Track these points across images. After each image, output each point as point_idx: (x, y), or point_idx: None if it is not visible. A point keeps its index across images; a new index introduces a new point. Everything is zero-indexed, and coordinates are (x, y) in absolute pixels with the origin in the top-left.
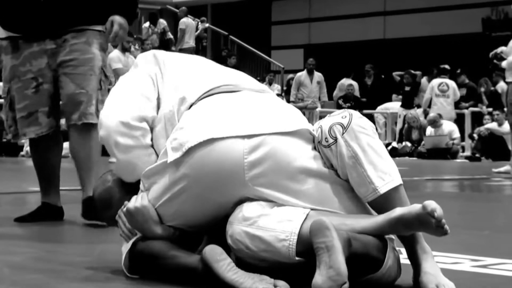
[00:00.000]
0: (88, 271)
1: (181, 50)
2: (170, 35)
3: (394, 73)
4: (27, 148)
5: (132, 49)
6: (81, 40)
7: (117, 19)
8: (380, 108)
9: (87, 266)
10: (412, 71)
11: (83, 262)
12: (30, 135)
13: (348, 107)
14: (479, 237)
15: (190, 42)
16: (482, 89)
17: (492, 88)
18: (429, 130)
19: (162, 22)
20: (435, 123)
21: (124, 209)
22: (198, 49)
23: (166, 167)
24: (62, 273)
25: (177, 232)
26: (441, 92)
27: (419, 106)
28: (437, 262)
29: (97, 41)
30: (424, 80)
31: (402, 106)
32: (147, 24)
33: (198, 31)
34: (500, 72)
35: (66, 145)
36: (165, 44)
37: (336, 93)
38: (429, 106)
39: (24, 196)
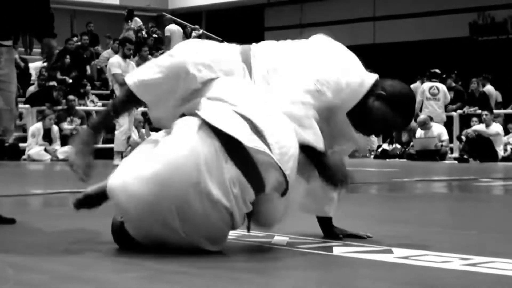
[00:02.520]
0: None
1: None
2: (144, 35)
3: None
4: (29, 151)
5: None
6: (10, 56)
7: (52, 42)
8: None
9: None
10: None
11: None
12: None
13: None
14: (467, 237)
15: None
16: (473, 86)
17: (481, 90)
18: (419, 132)
19: (138, 21)
20: (425, 125)
21: None
22: None
23: None
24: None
25: None
26: (431, 96)
27: None
28: (427, 261)
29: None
30: (417, 84)
31: None
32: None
33: (191, 39)
34: (487, 75)
35: (66, 148)
36: (138, 43)
37: None
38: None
39: (26, 199)
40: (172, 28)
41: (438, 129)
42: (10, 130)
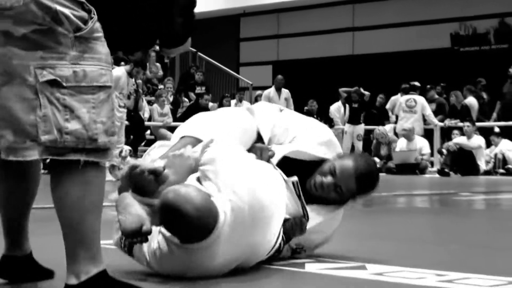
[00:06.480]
0: None
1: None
2: None
3: (341, 89)
4: None
5: None
6: None
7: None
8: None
9: None
10: (361, 91)
11: None
12: None
13: None
14: (445, 252)
15: None
16: (453, 99)
17: (463, 102)
18: (402, 142)
19: None
20: (408, 135)
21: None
22: (165, 66)
23: None
24: None
25: None
26: (408, 108)
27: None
28: (401, 277)
29: None
30: (397, 97)
31: (349, 122)
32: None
33: None
34: (470, 86)
35: None
36: None
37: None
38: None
39: None
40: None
41: (421, 143)
42: None
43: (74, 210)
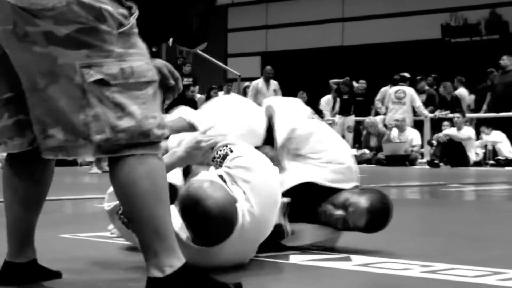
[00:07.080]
0: None
1: None
2: None
3: (331, 81)
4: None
5: None
6: None
7: None
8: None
9: None
10: (352, 83)
11: None
12: None
13: None
14: (432, 243)
15: None
16: (441, 90)
17: (453, 93)
18: (394, 132)
19: None
20: (401, 124)
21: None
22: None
23: None
24: None
25: None
26: (397, 99)
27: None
28: (386, 268)
29: None
30: (387, 88)
31: (339, 113)
32: None
33: None
34: (461, 77)
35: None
36: None
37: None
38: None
39: None
40: None
41: (412, 134)
42: None
43: (143, 201)
